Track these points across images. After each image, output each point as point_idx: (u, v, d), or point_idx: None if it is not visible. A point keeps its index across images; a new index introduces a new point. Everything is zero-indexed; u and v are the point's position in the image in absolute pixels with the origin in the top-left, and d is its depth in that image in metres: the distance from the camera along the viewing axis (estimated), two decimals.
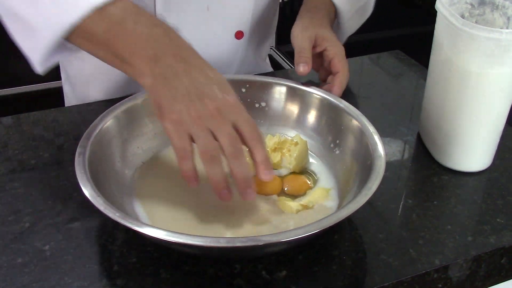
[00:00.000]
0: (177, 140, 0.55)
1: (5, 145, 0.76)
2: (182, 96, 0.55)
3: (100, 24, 0.57)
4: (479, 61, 0.65)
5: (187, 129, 0.55)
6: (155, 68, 0.56)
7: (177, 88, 0.55)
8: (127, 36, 0.57)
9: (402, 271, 0.58)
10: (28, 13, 0.59)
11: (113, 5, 0.57)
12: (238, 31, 0.88)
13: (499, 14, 0.69)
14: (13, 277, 0.56)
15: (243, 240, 0.52)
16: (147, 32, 0.57)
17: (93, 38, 0.58)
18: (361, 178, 0.61)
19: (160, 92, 0.56)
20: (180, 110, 0.55)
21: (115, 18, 0.57)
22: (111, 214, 0.53)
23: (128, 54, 0.57)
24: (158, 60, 0.56)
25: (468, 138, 0.70)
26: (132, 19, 0.57)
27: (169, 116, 0.55)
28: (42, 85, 1.85)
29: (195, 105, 0.55)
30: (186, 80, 0.56)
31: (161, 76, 0.56)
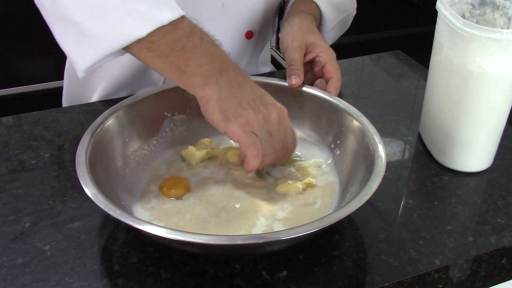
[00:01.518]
0: (247, 139, 0.60)
1: (5, 145, 0.76)
2: (248, 102, 0.61)
3: (167, 37, 0.59)
4: (479, 61, 0.65)
5: (254, 130, 0.61)
6: (220, 79, 0.60)
7: (243, 95, 0.61)
8: (193, 49, 0.60)
9: (402, 271, 0.58)
10: (88, 21, 0.59)
11: (179, 21, 0.60)
12: (249, 31, 0.89)
13: (500, 14, 0.69)
14: (13, 277, 0.56)
15: (244, 238, 0.52)
16: (212, 49, 0.62)
17: (156, 49, 0.59)
18: (361, 178, 0.61)
19: (227, 99, 0.60)
20: (248, 113, 0.60)
21: (183, 32, 0.60)
22: (112, 212, 0.53)
23: (194, 66, 0.60)
24: (223, 72, 0.61)
25: (468, 138, 0.70)
26: (198, 36, 0.61)
27: (236, 120, 0.60)
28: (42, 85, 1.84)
29: (261, 110, 0.61)
30: (249, 89, 0.62)
31: (226, 85, 0.61)
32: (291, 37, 0.81)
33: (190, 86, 0.61)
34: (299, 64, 0.77)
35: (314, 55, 0.79)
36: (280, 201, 0.64)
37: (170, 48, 0.59)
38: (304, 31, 0.81)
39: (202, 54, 0.60)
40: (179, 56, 0.60)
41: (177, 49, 0.59)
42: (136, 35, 0.58)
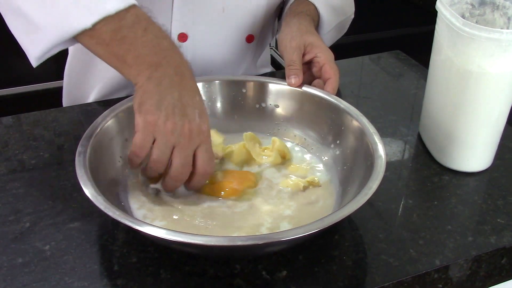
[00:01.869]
0: (141, 137, 0.59)
1: (5, 145, 0.76)
2: (167, 105, 0.58)
3: (109, 26, 0.58)
4: (479, 61, 0.65)
5: (155, 134, 0.58)
6: (154, 73, 0.59)
7: (165, 97, 0.59)
8: (135, 40, 0.59)
9: (402, 271, 0.58)
10: (36, 13, 0.60)
11: (125, 11, 0.59)
12: (249, 35, 0.89)
13: (500, 14, 0.69)
14: (13, 277, 0.56)
15: (243, 239, 0.52)
16: (155, 41, 0.60)
17: (97, 36, 0.59)
18: (361, 178, 0.61)
19: (149, 93, 0.58)
20: (159, 116, 0.58)
21: (125, 22, 0.59)
22: (112, 213, 0.53)
23: (132, 57, 0.59)
24: (159, 67, 0.59)
25: (468, 138, 0.70)
26: (142, 26, 0.60)
27: (146, 115, 0.58)
28: (42, 85, 1.85)
29: (174, 119, 0.58)
30: (176, 94, 0.59)
31: (156, 80, 0.59)
32: (290, 37, 0.80)
33: (127, 75, 0.61)
34: (298, 64, 0.77)
35: (312, 56, 0.79)
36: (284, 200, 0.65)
37: (110, 36, 0.59)
38: (303, 31, 0.81)
39: (142, 45, 0.59)
40: (119, 45, 0.59)
41: (117, 38, 0.59)
42: (82, 25, 0.58)
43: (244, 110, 0.76)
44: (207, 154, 0.61)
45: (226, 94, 0.77)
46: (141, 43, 0.59)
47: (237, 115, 0.76)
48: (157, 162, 0.59)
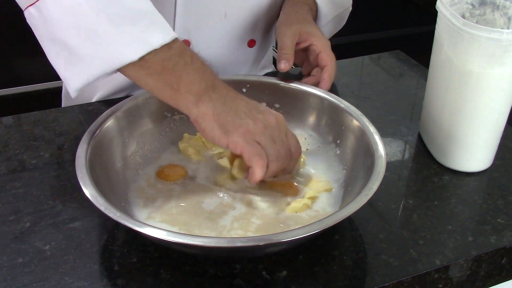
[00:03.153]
0: (251, 149, 0.60)
1: (5, 145, 0.76)
2: (244, 113, 0.61)
3: (159, 56, 0.59)
4: (479, 61, 0.65)
5: (256, 138, 0.61)
6: (213, 95, 0.61)
7: (238, 107, 0.61)
8: (185, 67, 0.60)
9: (402, 271, 0.58)
10: (81, 46, 0.60)
11: (171, 42, 0.60)
12: (251, 40, 0.89)
13: (500, 14, 0.69)
14: (13, 277, 0.56)
15: (243, 240, 0.52)
16: (202, 67, 0.62)
17: (148, 67, 0.59)
18: (361, 178, 0.61)
19: (224, 112, 0.60)
20: (247, 123, 0.61)
21: (174, 51, 0.60)
22: (112, 214, 0.53)
23: (186, 83, 0.60)
24: (215, 88, 0.61)
25: (468, 138, 0.70)
26: (188, 55, 0.61)
27: (236, 131, 0.60)
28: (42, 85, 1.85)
29: (259, 118, 0.61)
30: (243, 102, 0.63)
31: (220, 100, 0.61)
32: (287, 24, 0.81)
33: (183, 105, 0.61)
34: (289, 49, 0.78)
35: (308, 43, 0.80)
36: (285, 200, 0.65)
37: (162, 66, 0.59)
38: (300, 20, 0.82)
39: (193, 72, 0.60)
40: (171, 74, 0.60)
41: (169, 67, 0.59)
42: (128, 59, 0.58)
43: None
44: (294, 138, 0.65)
45: None
46: (191, 69, 0.60)
47: None
48: (279, 157, 0.62)
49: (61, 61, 0.62)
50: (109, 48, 0.59)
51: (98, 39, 0.59)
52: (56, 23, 0.60)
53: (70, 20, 0.59)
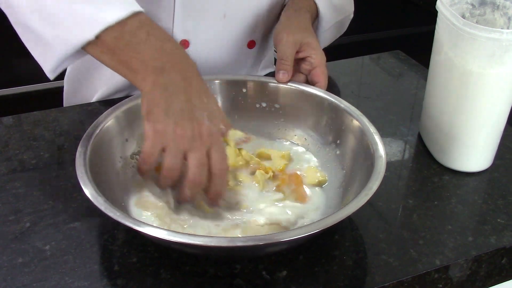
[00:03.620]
0: (150, 146, 0.58)
1: (5, 145, 0.76)
2: (175, 111, 0.57)
3: (111, 33, 0.58)
4: (479, 61, 0.65)
5: (165, 141, 0.57)
6: (159, 78, 0.58)
7: (172, 103, 0.58)
8: (138, 45, 0.59)
9: (402, 271, 0.58)
10: (42, 29, 0.61)
11: (128, 18, 0.59)
12: (251, 41, 0.89)
13: (500, 14, 0.69)
14: (13, 277, 0.56)
15: (243, 239, 0.52)
16: (159, 45, 0.59)
17: (101, 44, 0.59)
18: (361, 178, 0.61)
19: (156, 100, 0.58)
20: (167, 123, 0.57)
21: (127, 28, 0.59)
22: (112, 214, 0.52)
23: (136, 62, 0.59)
24: (163, 71, 0.58)
25: (468, 138, 0.70)
26: (145, 31, 0.59)
27: (154, 124, 0.57)
28: (42, 85, 1.85)
29: (183, 124, 0.57)
30: (183, 98, 0.58)
31: (162, 86, 0.58)
32: (288, 31, 0.80)
33: (134, 81, 0.60)
34: (289, 60, 0.77)
35: (306, 55, 0.79)
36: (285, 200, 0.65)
37: (114, 44, 0.59)
38: (301, 28, 0.81)
39: (145, 50, 0.59)
40: (123, 51, 0.59)
41: (121, 44, 0.59)
42: (85, 38, 0.58)
43: (244, 110, 0.76)
44: (219, 154, 0.59)
45: (226, 94, 0.77)
46: (144, 47, 0.59)
47: (237, 115, 0.76)
48: (171, 169, 0.58)
49: (31, 45, 0.64)
50: (67, 29, 0.59)
51: (56, 21, 0.60)
52: (17, 8, 0.62)
53: (29, 3, 0.60)
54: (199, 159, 0.58)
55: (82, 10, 0.58)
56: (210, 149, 0.59)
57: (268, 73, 1.01)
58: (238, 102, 0.76)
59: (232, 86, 0.77)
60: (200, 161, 0.58)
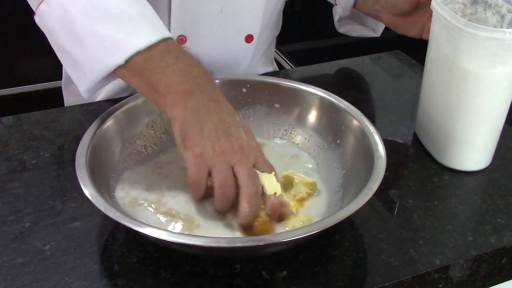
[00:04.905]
0: (194, 172, 0.58)
1: (5, 145, 0.76)
2: (210, 131, 0.58)
3: (140, 56, 0.60)
4: (480, 61, 0.65)
5: (207, 163, 0.57)
6: (188, 102, 0.59)
7: (206, 124, 0.58)
8: (165, 68, 0.60)
9: (402, 271, 0.58)
10: (76, 53, 0.63)
11: (157, 43, 0.60)
12: (249, 35, 0.89)
13: (492, 12, 0.69)
14: (13, 277, 0.56)
15: (243, 240, 0.52)
16: (186, 69, 0.60)
17: (131, 68, 0.61)
18: (361, 178, 0.61)
19: (189, 124, 0.58)
20: (204, 145, 0.57)
21: (156, 52, 0.60)
22: (112, 214, 0.53)
23: (164, 85, 0.60)
24: (192, 95, 0.59)
25: (467, 136, 0.70)
26: (173, 55, 0.61)
27: (192, 148, 0.58)
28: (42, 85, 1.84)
29: (221, 142, 0.58)
30: (215, 118, 0.59)
31: (193, 109, 0.59)
32: None
33: (161, 105, 0.61)
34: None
35: None
36: None
37: (143, 66, 0.60)
38: None
39: (173, 74, 0.60)
40: (151, 75, 0.60)
41: (150, 68, 0.60)
42: (116, 62, 0.60)
43: (244, 110, 0.76)
44: (268, 166, 0.60)
45: (226, 94, 0.75)
46: (172, 71, 0.60)
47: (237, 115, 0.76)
48: (224, 186, 0.57)
49: (67, 65, 0.67)
50: (98, 53, 0.61)
51: (88, 45, 0.62)
52: (53, 31, 0.65)
53: (63, 28, 0.63)
54: (248, 169, 0.57)
55: (112, 35, 0.60)
56: (258, 162, 0.59)
57: (268, 72, 1.01)
58: (238, 102, 0.76)
59: (232, 86, 0.77)
60: (250, 171, 0.58)
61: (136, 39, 0.60)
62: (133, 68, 0.61)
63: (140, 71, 0.60)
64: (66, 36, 0.63)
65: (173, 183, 0.66)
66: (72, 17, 0.62)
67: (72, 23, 0.62)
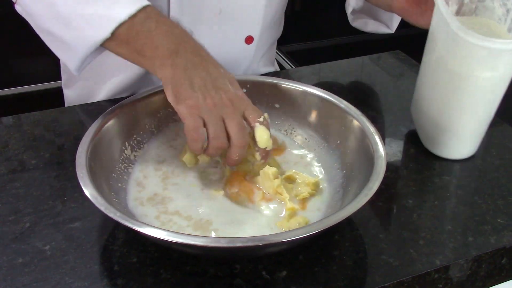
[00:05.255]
0: (191, 122, 0.60)
1: (5, 145, 0.76)
2: (199, 85, 0.61)
3: (123, 26, 0.63)
4: (470, 64, 0.66)
5: (201, 113, 0.61)
6: (176, 59, 0.62)
7: (195, 78, 0.62)
8: (149, 33, 0.63)
9: (402, 271, 0.58)
10: (61, 32, 0.66)
11: (137, 12, 0.63)
12: (249, 36, 0.89)
13: (499, 4, 0.70)
14: (13, 277, 0.56)
15: (243, 240, 0.52)
16: (169, 30, 0.63)
17: (116, 39, 0.64)
18: (361, 178, 0.61)
19: (180, 80, 0.61)
20: (197, 97, 0.61)
21: (137, 19, 0.63)
22: (112, 214, 0.53)
23: (150, 48, 0.62)
24: (178, 53, 0.62)
25: (455, 130, 0.72)
26: (154, 20, 0.64)
27: (185, 102, 0.61)
28: (43, 85, 1.84)
29: (211, 94, 0.61)
30: (203, 72, 0.62)
31: (181, 66, 0.62)
32: None
33: (150, 68, 0.64)
34: None
35: None
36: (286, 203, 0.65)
37: (127, 35, 0.63)
38: None
39: (157, 37, 0.62)
40: (136, 41, 0.63)
41: (133, 35, 0.63)
42: (102, 36, 0.63)
43: None
44: (256, 111, 0.64)
45: None
46: (155, 34, 0.62)
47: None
48: (217, 138, 0.61)
49: (54, 47, 0.70)
50: (84, 30, 0.64)
51: (72, 24, 0.65)
52: (37, 16, 0.68)
53: (46, 12, 0.66)
54: (237, 123, 0.61)
55: (94, 11, 0.63)
56: (246, 110, 0.63)
57: (268, 72, 1.01)
58: None
59: None
60: (240, 125, 0.62)
61: (117, 11, 0.63)
62: (118, 38, 0.63)
63: (125, 40, 0.63)
64: (50, 19, 0.66)
65: None
66: (54, 0, 0.65)
67: (55, 5, 0.65)
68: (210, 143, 0.61)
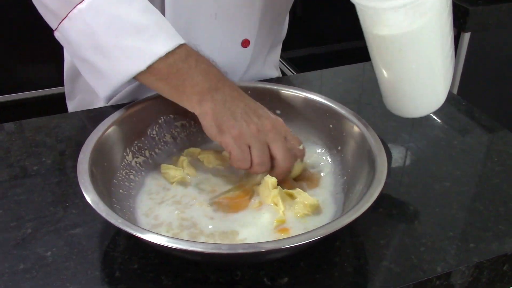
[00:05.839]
0: (238, 152, 0.64)
1: (7, 151, 0.76)
2: (241, 115, 0.65)
3: (164, 62, 0.65)
4: (373, 27, 0.66)
5: (247, 141, 0.64)
6: (215, 95, 0.65)
7: (236, 109, 0.65)
8: (189, 70, 0.66)
9: (404, 278, 0.58)
10: (98, 62, 0.68)
11: (176, 49, 0.66)
12: (245, 40, 0.89)
13: None
14: (15, 283, 0.56)
15: (245, 246, 0.52)
16: (207, 69, 0.67)
17: (156, 73, 0.66)
18: (362, 185, 0.61)
19: (221, 112, 0.64)
20: (241, 125, 0.64)
21: (179, 56, 0.66)
22: (113, 221, 0.53)
23: (190, 85, 0.65)
24: (217, 89, 0.66)
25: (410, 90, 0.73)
26: (194, 58, 0.67)
27: (229, 132, 0.64)
28: (44, 91, 1.85)
29: (254, 121, 0.65)
30: (243, 104, 0.66)
31: (221, 101, 0.65)
32: None
33: (189, 105, 0.66)
34: None
35: None
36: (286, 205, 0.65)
37: (167, 71, 0.65)
38: None
39: (197, 74, 0.65)
40: (176, 77, 0.65)
41: (174, 71, 0.65)
42: (138, 68, 0.65)
43: None
44: (296, 140, 0.68)
45: None
46: (195, 72, 0.65)
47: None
48: (262, 163, 0.64)
49: (88, 75, 0.72)
50: (120, 61, 0.67)
51: (110, 55, 0.67)
52: (75, 44, 0.69)
53: (85, 40, 0.68)
54: (283, 148, 0.65)
55: (133, 44, 0.66)
56: (287, 137, 0.67)
57: (270, 78, 1.01)
58: None
59: None
60: (285, 149, 0.65)
61: (156, 46, 0.65)
62: (157, 73, 0.66)
63: (164, 75, 0.66)
64: (88, 48, 0.68)
65: None
66: (95, 30, 0.66)
67: (95, 35, 0.66)
68: (253, 169, 0.64)
